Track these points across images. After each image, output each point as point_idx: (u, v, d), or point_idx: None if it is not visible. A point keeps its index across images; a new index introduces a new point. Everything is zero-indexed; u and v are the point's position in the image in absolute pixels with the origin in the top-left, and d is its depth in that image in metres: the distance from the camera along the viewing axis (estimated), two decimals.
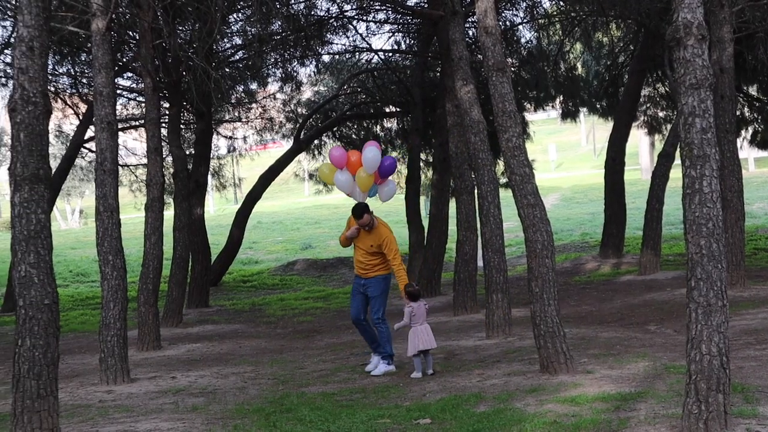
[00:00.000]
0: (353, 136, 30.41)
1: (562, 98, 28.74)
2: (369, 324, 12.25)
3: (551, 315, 10.58)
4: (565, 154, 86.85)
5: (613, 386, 9.43)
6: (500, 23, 20.50)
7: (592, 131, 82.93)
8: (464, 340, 14.17)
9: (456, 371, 11.42)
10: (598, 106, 29.82)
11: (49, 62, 20.78)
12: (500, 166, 22.79)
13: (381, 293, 12.14)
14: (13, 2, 20.60)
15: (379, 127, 30.27)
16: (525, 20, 26.35)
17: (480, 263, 16.07)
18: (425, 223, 24.30)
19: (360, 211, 12.01)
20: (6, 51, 23.53)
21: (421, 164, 26.81)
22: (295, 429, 8.61)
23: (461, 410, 8.94)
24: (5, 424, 9.64)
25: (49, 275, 8.44)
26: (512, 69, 25.16)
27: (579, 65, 29.88)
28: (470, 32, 23.10)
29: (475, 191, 15.87)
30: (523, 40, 27.29)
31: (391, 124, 30.22)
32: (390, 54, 27.47)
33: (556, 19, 26.58)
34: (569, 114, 29.30)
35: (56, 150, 32.44)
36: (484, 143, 14.72)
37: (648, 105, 29.12)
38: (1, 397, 11.88)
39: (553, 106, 30.29)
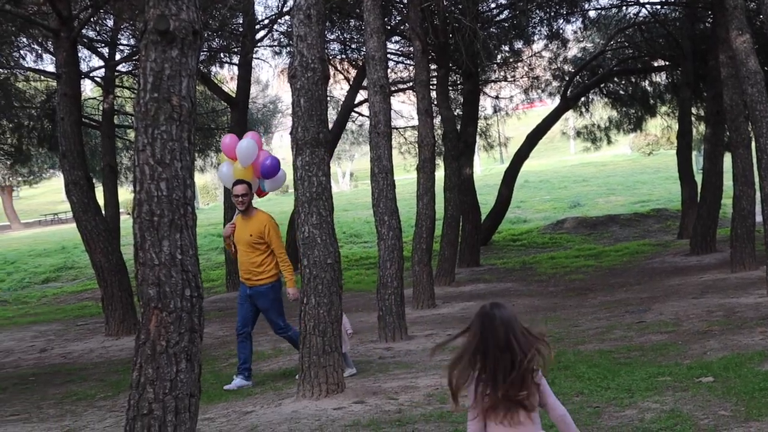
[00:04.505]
0: (621, 92, 29.97)
1: None
2: (250, 339, 10.78)
3: None
4: None
5: None
6: None
7: None
8: (744, 297, 13.75)
9: (737, 329, 11.09)
10: None
11: None
12: None
13: (272, 304, 10.66)
14: None
15: (647, 81, 29.68)
16: None
17: (758, 218, 15.56)
18: (697, 178, 23.73)
19: (239, 181, 10.80)
20: (279, 20, 24.37)
21: (692, 118, 26.16)
22: (575, 386, 8.59)
23: (745, 369, 8.67)
24: (291, 379, 10.07)
25: (331, 235, 8.74)
26: None
27: None
28: None
29: (752, 144, 15.36)
30: None
31: (660, 78, 29.58)
32: (658, 6, 26.84)
33: None
34: None
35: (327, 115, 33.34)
36: (762, 94, 14.18)
37: None
38: (285, 354, 12.39)
39: None
